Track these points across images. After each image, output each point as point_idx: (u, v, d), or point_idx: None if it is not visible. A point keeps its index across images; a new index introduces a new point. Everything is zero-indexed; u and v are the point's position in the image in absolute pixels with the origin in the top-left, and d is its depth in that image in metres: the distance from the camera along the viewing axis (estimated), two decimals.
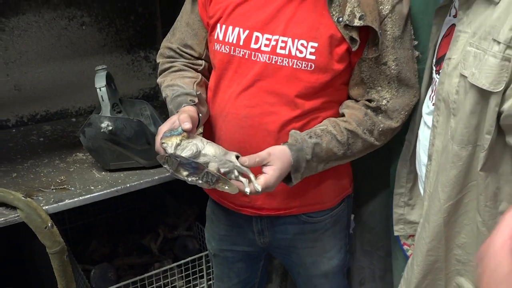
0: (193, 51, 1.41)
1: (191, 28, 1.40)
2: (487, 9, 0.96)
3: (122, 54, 2.32)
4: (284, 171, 1.18)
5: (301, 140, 1.22)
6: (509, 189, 1.01)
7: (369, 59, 1.24)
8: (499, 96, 0.92)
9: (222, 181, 1.12)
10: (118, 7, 2.25)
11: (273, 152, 1.17)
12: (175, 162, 1.12)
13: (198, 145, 1.12)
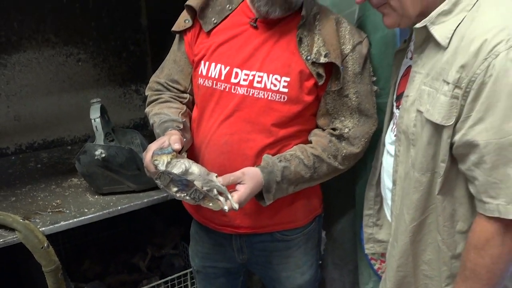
0: (179, 85, 1.44)
1: (177, 64, 1.43)
2: (438, 53, 1.00)
3: (115, 88, 2.35)
4: (255, 190, 1.21)
5: (272, 163, 1.25)
6: (464, 211, 1.04)
7: (333, 92, 1.29)
8: (451, 129, 0.96)
9: (207, 198, 1.16)
10: (112, 45, 2.29)
11: (246, 172, 1.21)
12: (167, 179, 1.14)
13: (186, 164, 1.15)
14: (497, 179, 0.90)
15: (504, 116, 0.87)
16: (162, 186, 1.16)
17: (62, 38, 2.15)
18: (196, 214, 1.49)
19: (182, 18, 1.40)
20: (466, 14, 0.96)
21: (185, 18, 1.39)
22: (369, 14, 1.39)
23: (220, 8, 1.35)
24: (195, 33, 1.38)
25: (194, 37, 1.38)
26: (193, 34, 1.38)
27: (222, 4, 1.35)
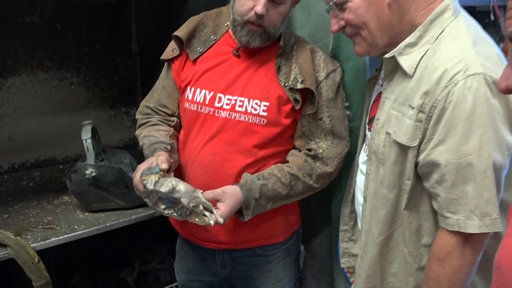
0: (167, 109, 1.46)
1: (166, 90, 1.45)
2: (405, 81, 1.04)
3: (106, 110, 2.35)
4: (235, 207, 1.23)
5: (250, 181, 1.27)
6: (428, 225, 1.06)
7: (308, 115, 1.32)
8: (415, 149, 0.99)
9: (194, 214, 1.18)
10: (103, 70, 2.30)
11: (226, 191, 1.23)
12: (155, 197, 1.17)
13: (173, 182, 1.17)
14: (457, 196, 0.94)
15: (462, 139, 0.91)
16: (151, 204, 1.18)
17: (56, 63, 2.15)
18: (181, 230, 1.50)
19: (170, 48, 1.43)
20: (429, 46, 1.00)
21: (173, 48, 1.41)
22: (343, 45, 1.44)
23: (205, 38, 1.38)
24: (182, 61, 1.41)
25: (181, 65, 1.41)
26: (180, 62, 1.41)
27: (207, 35, 1.38)
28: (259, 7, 1.21)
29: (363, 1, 1.03)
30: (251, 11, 1.23)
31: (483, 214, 0.92)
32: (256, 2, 1.22)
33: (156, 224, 1.76)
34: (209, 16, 1.42)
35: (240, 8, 1.25)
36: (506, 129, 0.93)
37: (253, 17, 1.23)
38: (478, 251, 0.98)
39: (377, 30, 1.05)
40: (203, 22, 1.41)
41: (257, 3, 1.21)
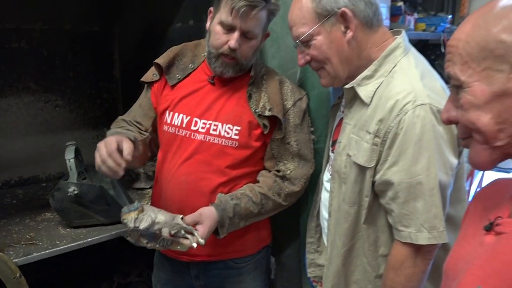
0: (141, 126, 1.46)
1: (142, 108, 1.47)
2: (363, 108, 1.09)
3: (89, 130, 2.32)
4: (212, 227, 1.25)
5: (224, 201, 1.29)
6: (385, 237, 1.10)
7: (277, 139, 1.35)
8: (372, 170, 1.04)
9: (175, 242, 1.18)
10: (87, 93, 2.29)
11: (203, 213, 1.24)
12: (137, 235, 1.16)
13: (152, 215, 1.16)
14: (408, 211, 0.98)
15: (412, 160, 0.96)
16: (133, 241, 1.17)
17: (42, 86, 2.13)
18: None
19: (151, 72, 1.45)
20: (384, 79, 1.05)
21: (153, 73, 1.43)
22: (309, 75, 1.49)
23: (184, 67, 1.41)
24: (161, 86, 1.43)
25: (160, 89, 1.43)
26: (159, 86, 1.43)
27: (185, 64, 1.41)
28: (232, 41, 1.24)
29: (326, 39, 1.08)
30: (225, 45, 1.26)
31: (431, 228, 0.96)
32: (229, 37, 1.25)
33: None
34: (188, 47, 1.45)
35: (215, 42, 1.28)
36: (449, 152, 0.98)
37: (227, 50, 1.26)
38: (429, 261, 1.02)
39: (338, 65, 1.09)
40: (182, 52, 1.43)
41: (230, 38, 1.24)
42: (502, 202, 0.71)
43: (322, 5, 1.06)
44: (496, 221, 0.66)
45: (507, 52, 0.59)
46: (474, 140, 0.66)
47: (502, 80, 0.60)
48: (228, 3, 1.21)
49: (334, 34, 1.07)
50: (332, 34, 1.07)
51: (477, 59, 0.61)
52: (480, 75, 0.61)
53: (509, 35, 0.58)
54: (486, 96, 0.61)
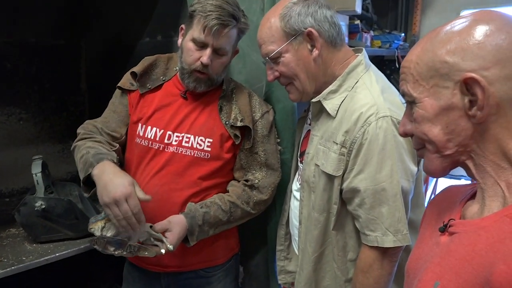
0: (115, 133, 1.41)
1: (117, 114, 1.42)
2: (329, 120, 1.13)
3: (54, 144, 2.25)
4: (181, 234, 1.24)
5: (194, 209, 1.28)
6: (352, 242, 1.14)
7: (246, 149, 1.37)
8: (340, 178, 1.07)
9: (142, 249, 1.16)
10: (52, 106, 2.22)
11: (172, 220, 1.23)
12: (103, 242, 1.14)
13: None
14: (374, 216, 1.01)
15: (377, 168, 1.00)
16: (100, 249, 1.15)
17: (4, 99, 2.05)
18: (131, 258, 1.45)
19: (127, 80, 1.41)
20: (347, 93, 1.10)
21: (130, 81, 1.41)
22: (274, 89, 1.51)
23: (155, 77, 1.41)
24: (137, 96, 1.41)
25: (136, 100, 1.41)
26: (135, 97, 1.41)
27: (157, 75, 1.41)
28: (205, 58, 1.25)
29: (293, 57, 1.11)
30: (197, 61, 1.27)
31: (396, 231, 1.01)
32: (202, 53, 1.26)
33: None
34: (161, 58, 1.45)
35: (188, 58, 1.29)
36: (410, 160, 1.03)
37: (199, 66, 1.28)
38: (394, 262, 1.06)
39: (306, 80, 1.13)
40: (155, 62, 1.43)
41: (203, 54, 1.26)
42: (454, 206, 0.77)
43: (290, 24, 1.10)
44: (450, 222, 0.72)
45: (450, 71, 0.64)
46: (427, 150, 0.72)
47: (448, 95, 0.65)
48: (201, 21, 1.23)
49: (301, 52, 1.11)
50: (299, 52, 1.11)
51: (426, 78, 0.67)
52: (429, 91, 0.67)
53: (451, 56, 0.64)
54: (435, 109, 0.67)
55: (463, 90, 0.64)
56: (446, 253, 0.68)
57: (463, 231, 0.68)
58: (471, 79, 0.62)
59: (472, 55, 0.63)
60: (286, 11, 1.11)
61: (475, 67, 0.63)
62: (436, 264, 0.69)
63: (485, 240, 0.62)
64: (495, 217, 0.64)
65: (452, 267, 0.65)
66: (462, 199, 0.75)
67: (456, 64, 0.64)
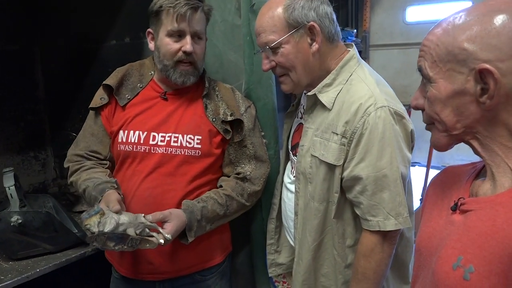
0: (99, 155, 1.40)
1: (96, 137, 1.40)
2: (324, 112, 1.16)
3: (13, 155, 2.10)
4: (179, 227, 1.23)
5: (192, 205, 1.28)
6: (350, 229, 1.18)
7: (235, 143, 1.39)
8: (341, 167, 1.11)
9: (143, 241, 1.13)
10: (8, 116, 2.07)
11: (173, 212, 1.23)
12: (103, 238, 1.09)
13: (115, 217, 1.11)
14: (376, 202, 1.07)
15: (378, 156, 1.05)
16: (100, 246, 1.10)
17: None
18: (120, 268, 1.41)
19: (98, 96, 1.39)
20: (342, 86, 1.14)
21: (100, 96, 1.38)
22: (253, 87, 1.53)
23: (132, 86, 1.38)
24: (112, 108, 1.38)
25: (111, 112, 1.38)
26: (110, 109, 1.38)
27: (133, 83, 1.39)
28: (187, 45, 1.27)
29: (293, 48, 1.13)
30: (179, 51, 1.28)
31: (397, 214, 1.07)
32: (181, 43, 1.27)
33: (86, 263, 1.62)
34: (133, 66, 1.43)
35: (168, 52, 1.28)
36: (406, 147, 1.10)
37: (182, 56, 1.28)
38: (393, 245, 1.12)
39: (302, 73, 1.16)
40: (129, 72, 1.41)
41: (183, 43, 1.27)
42: (460, 185, 0.80)
43: (293, 16, 1.11)
44: (460, 201, 0.76)
45: (468, 59, 0.68)
46: (435, 128, 0.76)
47: (462, 81, 0.69)
48: (171, 12, 1.24)
49: (302, 45, 1.13)
50: (300, 45, 1.13)
51: (443, 61, 0.71)
52: (445, 74, 0.71)
53: (471, 44, 0.67)
54: (448, 92, 0.71)
55: (476, 78, 0.68)
56: (464, 230, 0.72)
57: (479, 208, 0.71)
58: (486, 70, 0.66)
59: (491, 46, 0.66)
60: (290, 2, 1.12)
61: (491, 58, 0.66)
62: (456, 240, 0.73)
63: (503, 215, 0.67)
64: (510, 193, 0.68)
65: (474, 242, 0.69)
66: (467, 178, 0.81)
67: (474, 52, 0.67)
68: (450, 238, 0.74)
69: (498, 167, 0.72)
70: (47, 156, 2.25)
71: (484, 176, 0.78)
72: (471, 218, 0.72)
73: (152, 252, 1.30)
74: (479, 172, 0.80)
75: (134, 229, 1.12)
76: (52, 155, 2.26)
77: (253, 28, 1.49)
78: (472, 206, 0.73)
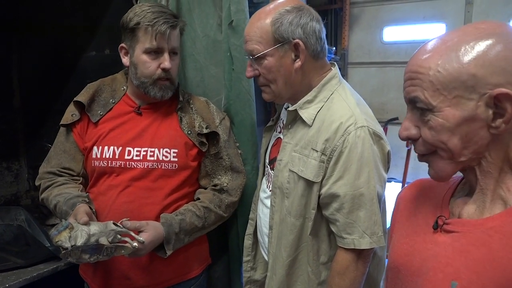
0: (72, 171, 1.38)
1: (68, 154, 1.38)
2: (304, 128, 1.17)
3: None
4: (156, 239, 1.21)
5: (170, 218, 1.27)
6: (325, 246, 1.18)
7: (211, 155, 1.39)
8: (319, 184, 1.11)
9: (118, 248, 1.12)
10: None
11: (150, 223, 1.22)
12: (78, 252, 1.07)
13: (85, 229, 1.09)
14: (352, 220, 1.08)
15: (356, 175, 1.07)
16: (75, 260, 1.08)
17: None
18: (93, 285, 1.37)
19: (69, 113, 1.37)
20: (323, 103, 1.16)
21: (72, 113, 1.36)
22: (232, 103, 1.54)
23: (105, 102, 1.37)
24: (84, 125, 1.37)
25: (83, 128, 1.37)
26: (82, 126, 1.37)
27: (106, 99, 1.38)
28: (166, 63, 1.27)
29: (276, 62, 1.14)
30: (157, 69, 1.28)
31: (372, 233, 1.08)
32: (159, 60, 1.28)
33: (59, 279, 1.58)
34: (105, 82, 1.42)
35: (146, 70, 1.28)
36: (382, 168, 1.12)
37: (161, 74, 1.29)
38: (367, 263, 1.13)
39: (283, 86, 1.17)
40: (100, 87, 1.40)
41: (161, 60, 1.28)
42: (438, 201, 0.79)
43: (280, 31, 1.12)
44: (442, 220, 0.75)
45: (477, 84, 0.66)
46: (438, 156, 0.72)
47: (472, 107, 0.67)
48: (149, 31, 1.25)
49: (285, 60, 1.14)
50: (283, 60, 1.14)
51: (448, 88, 0.67)
52: (451, 101, 0.68)
53: (479, 69, 0.65)
54: (457, 120, 0.68)
55: (488, 103, 0.66)
56: (454, 254, 0.70)
57: (467, 231, 0.70)
58: (504, 94, 0.64)
59: (500, 70, 0.65)
60: (278, 16, 1.13)
61: (502, 82, 0.65)
62: (446, 264, 0.70)
63: (499, 241, 0.65)
64: (501, 217, 0.67)
65: (469, 268, 0.67)
66: (443, 195, 0.80)
67: (484, 77, 0.65)
68: (437, 260, 0.73)
69: (490, 192, 0.71)
70: (20, 167, 2.20)
71: (461, 194, 0.77)
72: (460, 241, 0.70)
73: (128, 266, 1.29)
74: (455, 189, 0.80)
75: (106, 237, 1.11)
76: (26, 166, 2.21)
77: (232, 45, 1.52)
78: (458, 228, 0.72)
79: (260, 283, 1.48)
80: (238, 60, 1.49)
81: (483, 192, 0.72)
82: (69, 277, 1.46)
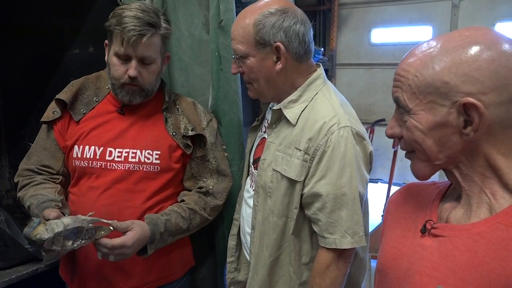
0: (51, 169, 1.35)
1: (48, 151, 1.35)
2: (288, 128, 1.17)
3: None
4: (141, 238, 1.20)
5: (155, 218, 1.26)
6: (306, 247, 1.18)
7: (197, 158, 1.38)
8: (301, 184, 1.12)
9: (98, 230, 1.12)
10: None
11: (136, 222, 1.20)
12: (60, 239, 1.06)
13: (57, 222, 1.08)
14: (334, 219, 1.08)
15: (338, 174, 1.07)
16: (59, 249, 1.07)
17: None
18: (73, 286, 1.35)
19: (50, 110, 1.35)
20: (307, 103, 1.16)
21: (53, 110, 1.34)
22: (220, 103, 1.53)
23: (88, 101, 1.35)
24: (65, 123, 1.34)
25: (64, 126, 1.34)
26: (63, 124, 1.35)
27: (89, 97, 1.36)
28: (131, 70, 1.24)
29: (258, 63, 1.15)
30: (125, 74, 1.25)
31: (353, 233, 1.08)
32: (128, 66, 1.24)
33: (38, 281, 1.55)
34: (89, 79, 1.40)
35: (115, 73, 1.26)
36: (364, 168, 1.12)
37: (127, 79, 1.25)
38: (349, 263, 1.13)
39: (265, 86, 1.17)
40: (84, 85, 1.38)
41: (129, 67, 1.24)
42: (426, 206, 0.80)
43: (261, 34, 1.12)
44: (430, 224, 0.75)
45: (450, 92, 0.67)
46: (417, 157, 0.75)
47: (444, 113, 0.68)
48: (119, 35, 1.21)
49: (266, 61, 1.15)
50: (264, 61, 1.15)
51: (423, 93, 0.70)
52: (425, 106, 0.70)
53: (452, 78, 0.67)
54: (430, 124, 0.70)
55: (460, 110, 0.67)
56: (440, 258, 0.71)
57: (453, 235, 0.71)
58: (471, 104, 0.66)
59: (473, 79, 0.66)
60: (261, 18, 1.13)
61: (474, 91, 0.66)
62: (432, 268, 0.71)
63: (484, 247, 0.66)
64: (487, 223, 0.68)
65: (455, 272, 0.68)
66: (432, 199, 0.81)
67: (456, 86, 0.67)
68: (424, 264, 0.73)
69: (475, 196, 0.72)
70: (1, 166, 2.16)
71: (450, 199, 0.78)
72: (446, 246, 0.71)
73: (108, 268, 1.27)
74: (444, 193, 0.81)
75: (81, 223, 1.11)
76: (7, 165, 2.17)
77: (221, 44, 1.51)
78: (445, 233, 0.72)
79: (244, 284, 1.47)
80: (227, 60, 1.48)
81: (469, 196, 0.73)
82: (50, 279, 1.44)
